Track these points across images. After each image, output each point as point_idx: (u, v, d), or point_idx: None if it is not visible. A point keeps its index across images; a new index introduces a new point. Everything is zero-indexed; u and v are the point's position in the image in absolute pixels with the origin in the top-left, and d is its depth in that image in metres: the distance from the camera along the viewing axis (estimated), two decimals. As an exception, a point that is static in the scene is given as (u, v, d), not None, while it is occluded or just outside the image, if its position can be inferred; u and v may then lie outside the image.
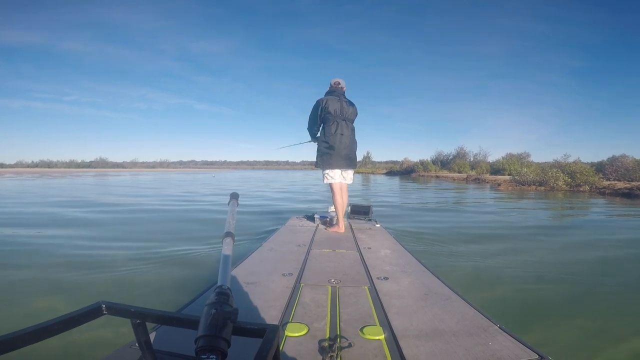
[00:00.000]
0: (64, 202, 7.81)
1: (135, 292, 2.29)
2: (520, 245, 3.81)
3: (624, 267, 3.06)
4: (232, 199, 0.91)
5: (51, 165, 64.28)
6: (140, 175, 29.23)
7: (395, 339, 1.10)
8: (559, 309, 2.14)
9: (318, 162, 3.22)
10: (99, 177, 26.13)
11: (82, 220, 5.27)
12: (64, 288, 2.32)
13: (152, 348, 0.67)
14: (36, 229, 4.40)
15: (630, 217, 6.87)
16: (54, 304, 2.07)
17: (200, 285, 2.02)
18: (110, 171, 49.43)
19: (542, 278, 2.65)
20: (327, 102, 3.08)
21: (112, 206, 7.24)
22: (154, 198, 9.22)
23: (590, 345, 1.71)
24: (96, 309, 0.60)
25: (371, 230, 3.28)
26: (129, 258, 3.01)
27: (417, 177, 27.87)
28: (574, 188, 13.31)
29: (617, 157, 20.51)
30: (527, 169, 16.72)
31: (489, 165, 29.06)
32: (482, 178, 20.84)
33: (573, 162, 18.08)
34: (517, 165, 24.30)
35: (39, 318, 0.54)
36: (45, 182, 18.35)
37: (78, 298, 2.15)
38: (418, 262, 2.12)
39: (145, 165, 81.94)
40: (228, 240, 0.75)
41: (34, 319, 0.52)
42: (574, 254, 3.45)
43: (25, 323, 0.52)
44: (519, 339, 1.10)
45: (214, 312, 0.52)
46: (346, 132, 3.11)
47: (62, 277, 2.52)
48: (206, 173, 39.46)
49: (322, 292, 1.52)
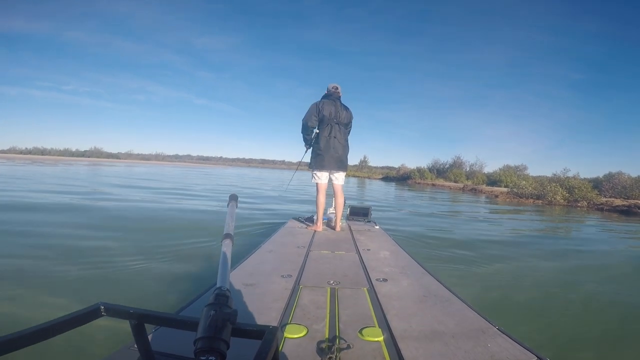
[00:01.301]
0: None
1: (133, 293, 2.27)
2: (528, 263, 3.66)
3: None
4: (231, 201, 0.91)
5: (45, 152, 63.88)
6: (135, 167, 29.04)
7: (394, 341, 1.10)
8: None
9: (311, 163, 3.32)
10: (90, 166, 25.80)
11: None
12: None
13: (150, 349, 0.67)
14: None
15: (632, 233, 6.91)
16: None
17: (199, 286, 2.02)
18: (104, 161, 49.11)
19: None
20: (322, 105, 3.17)
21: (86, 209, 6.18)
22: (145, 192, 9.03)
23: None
24: (95, 310, 0.60)
25: (370, 231, 3.29)
26: (126, 257, 2.97)
27: (413, 184, 27.80)
28: (571, 203, 13.35)
29: (614, 174, 20.66)
30: (526, 182, 16.79)
31: (485, 176, 29.23)
32: (479, 189, 20.88)
33: (572, 177, 17.92)
34: (514, 177, 24.48)
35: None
36: (27, 169, 17.79)
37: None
38: (417, 263, 2.12)
39: (141, 157, 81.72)
40: (227, 241, 0.75)
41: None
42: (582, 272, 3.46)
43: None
44: (518, 341, 1.10)
45: (213, 314, 0.52)
46: (339, 136, 3.21)
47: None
48: (199, 169, 39.10)
49: (321, 294, 1.52)
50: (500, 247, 4.21)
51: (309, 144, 3.39)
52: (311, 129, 3.25)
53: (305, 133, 3.31)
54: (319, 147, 3.20)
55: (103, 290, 2.30)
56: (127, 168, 25.96)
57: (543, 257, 3.84)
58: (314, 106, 3.19)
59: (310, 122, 3.18)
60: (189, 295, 1.80)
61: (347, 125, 3.31)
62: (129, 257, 2.98)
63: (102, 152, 70.03)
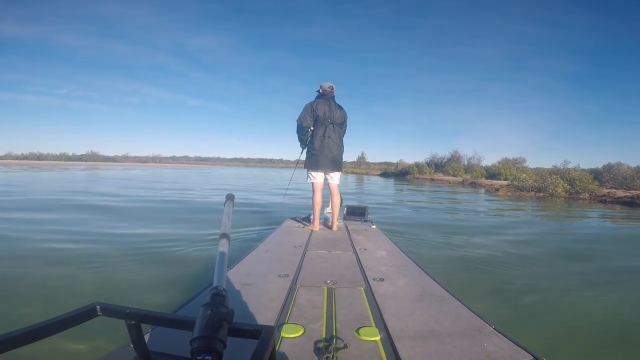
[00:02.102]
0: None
1: (129, 293, 2.27)
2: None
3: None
4: (228, 200, 0.91)
5: (41, 157, 63.24)
6: (132, 170, 28.80)
7: (390, 340, 1.10)
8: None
9: (306, 163, 3.33)
10: (88, 170, 25.40)
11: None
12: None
13: (147, 349, 0.67)
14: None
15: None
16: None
17: (195, 286, 2.01)
18: (101, 165, 48.52)
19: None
20: (316, 105, 3.18)
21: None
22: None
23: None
24: (90, 310, 0.60)
25: (367, 231, 3.29)
26: (123, 257, 2.97)
27: (412, 179, 27.73)
28: (573, 195, 13.19)
29: (613, 164, 20.57)
30: (525, 175, 16.60)
31: (484, 170, 29.19)
32: (479, 182, 20.81)
33: (572, 168, 17.47)
34: (512, 170, 24.36)
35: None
36: (20, 175, 17.19)
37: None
38: (414, 263, 2.13)
39: (138, 160, 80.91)
40: (224, 241, 0.75)
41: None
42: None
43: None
44: (514, 340, 1.11)
45: (209, 313, 0.52)
46: (333, 135, 3.22)
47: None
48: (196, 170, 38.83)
49: (318, 293, 1.52)
50: (504, 245, 4.10)
51: (304, 144, 3.39)
52: (306, 129, 3.25)
53: (301, 133, 3.31)
54: (314, 147, 3.21)
55: (98, 289, 2.30)
56: (129, 171, 25.70)
57: (549, 254, 3.78)
58: (309, 106, 3.20)
59: (305, 122, 3.19)
60: (185, 295, 1.80)
61: (342, 125, 3.31)
62: (125, 259, 2.99)
63: (99, 156, 69.43)
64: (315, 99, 3.25)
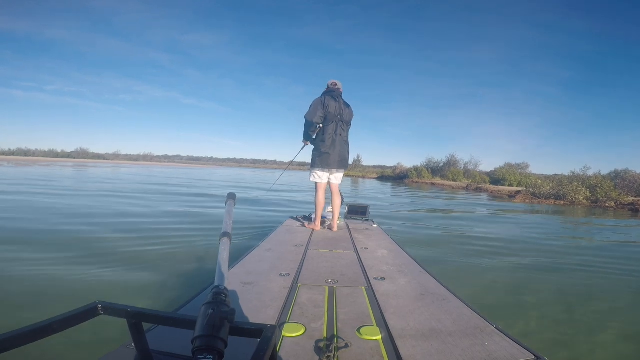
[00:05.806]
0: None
1: (129, 292, 2.26)
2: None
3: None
4: (229, 200, 0.91)
5: (29, 153, 63.09)
6: (122, 168, 28.32)
7: (392, 339, 1.10)
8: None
9: (314, 161, 3.20)
10: (75, 168, 24.65)
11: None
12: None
13: (148, 348, 0.67)
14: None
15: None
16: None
17: (196, 285, 2.01)
18: (90, 162, 48.09)
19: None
20: (327, 102, 3.07)
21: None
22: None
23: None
24: (92, 309, 0.60)
25: (368, 230, 3.30)
26: (123, 258, 2.96)
27: (411, 183, 27.13)
28: (596, 203, 12.50)
29: (620, 171, 20.33)
30: (542, 182, 15.90)
31: (486, 175, 29.00)
32: (484, 188, 20.31)
33: (593, 175, 16.30)
34: (517, 175, 24.03)
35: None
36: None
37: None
38: (415, 262, 2.13)
39: (128, 158, 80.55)
40: (225, 240, 0.75)
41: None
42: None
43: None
44: (515, 340, 1.11)
45: (210, 312, 0.52)
46: (343, 134, 3.16)
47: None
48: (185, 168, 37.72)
49: (319, 293, 1.52)
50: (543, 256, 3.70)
51: (309, 139, 3.30)
52: (316, 126, 3.13)
53: (309, 129, 3.20)
54: (325, 145, 3.09)
55: (100, 288, 2.29)
56: (123, 169, 25.24)
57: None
58: (319, 101, 3.08)
59: (315, 118, 3.06)
60: (186, 294, 1.80)
61: (349, 123, 3.25)
62: (125, 259, 2.98)
63: (89, 153, 69.11)
64: (323, 95, 3.16)
